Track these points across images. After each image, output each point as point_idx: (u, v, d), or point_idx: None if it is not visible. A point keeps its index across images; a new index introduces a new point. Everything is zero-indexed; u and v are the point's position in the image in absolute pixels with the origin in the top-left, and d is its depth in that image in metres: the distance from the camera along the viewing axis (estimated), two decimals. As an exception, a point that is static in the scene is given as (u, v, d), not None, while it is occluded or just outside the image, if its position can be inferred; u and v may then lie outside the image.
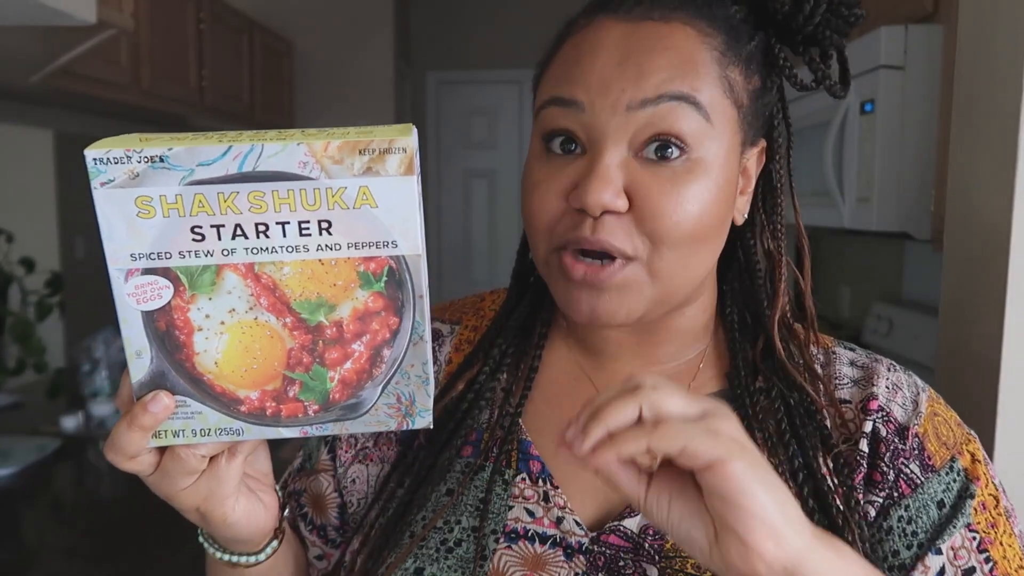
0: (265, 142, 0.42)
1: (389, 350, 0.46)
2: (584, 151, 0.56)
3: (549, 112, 0.57)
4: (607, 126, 0.54)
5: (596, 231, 0.54)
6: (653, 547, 0.56)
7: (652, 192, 0.54)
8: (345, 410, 0.48)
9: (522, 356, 0.65)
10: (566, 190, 0.55)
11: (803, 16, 0.58)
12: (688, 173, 0.54)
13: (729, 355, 0.64)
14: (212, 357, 0.46)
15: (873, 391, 0.61)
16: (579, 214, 0.55)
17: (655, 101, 0.53)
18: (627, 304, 0.56)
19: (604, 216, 0.54)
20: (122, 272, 0.44)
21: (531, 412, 0.63)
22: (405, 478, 0.62)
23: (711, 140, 0.55)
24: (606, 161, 0.54)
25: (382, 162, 0.43)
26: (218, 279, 0.44)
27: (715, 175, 0.55)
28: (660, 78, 0.54)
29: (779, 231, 0.64)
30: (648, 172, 0.54)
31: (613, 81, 0.54)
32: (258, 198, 0.43)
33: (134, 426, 0.46)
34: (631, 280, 0.55)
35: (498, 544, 0.57)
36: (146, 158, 0.42)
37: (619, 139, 0.54)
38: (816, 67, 0.61)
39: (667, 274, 0.56)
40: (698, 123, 0.54)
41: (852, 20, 0.59)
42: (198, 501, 0.51)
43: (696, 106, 0.54)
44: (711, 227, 0.56)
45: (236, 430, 0.47)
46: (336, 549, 0.69)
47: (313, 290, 0.45)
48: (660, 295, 0.57)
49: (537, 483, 0.60)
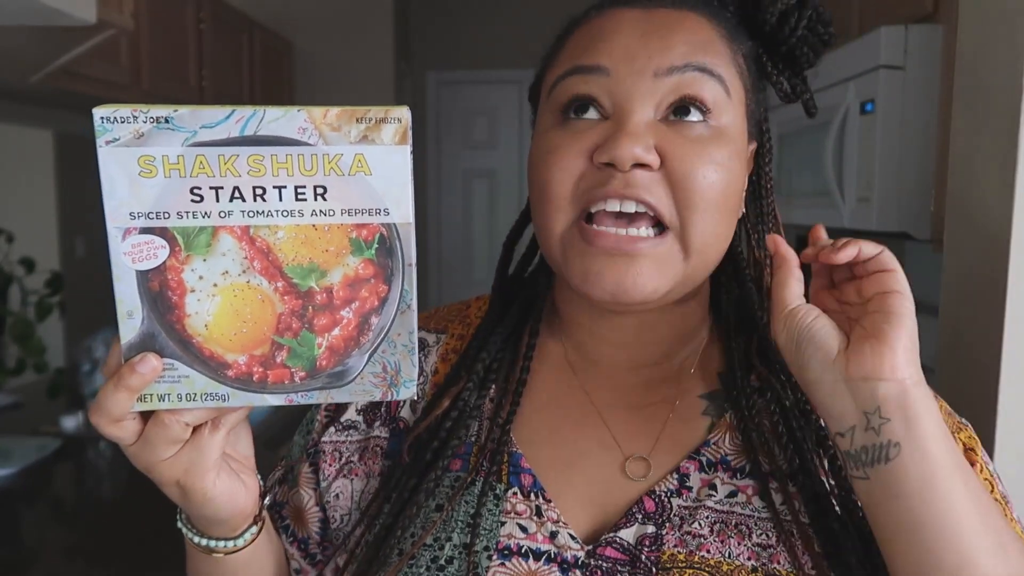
0: (268, 108, 0.44)
1: (377, 318, 0.47)
2: (606, 117, 0.56)
3: (568, 81, 0.56)
4: (633, 90, 0.55)
5: (628, 186, 0.53)
6: (650, 559, 0.55)
7: (683, 151, 0.54)
8: (331, 378, 0.48)
9: (511, 366, 0.64)
10: (589, 150, 0.55)
11: (788, 28, 0.61)
12: (713, 138, 0.56)
13: (723, 354, 0.64)
14: (203, 319, 0.46)
15: None
16: (605, 171, 0.54)
17: (681, 69, 0.55)
18: (658, 277, 0.55)
19: (635, 170, 0.53)
20: (120, 230, 0.44)
21: (521, 423, 0.62)
22: (391, 494, 0.61)
23: (729, 112, 0.57)
24: (636, 119, 0.54)
25: (378, 131, 0.44)
26: (214, 241, 0.45)
27: (734, 145, 0.57)
28: (684, 50, 0.55)
29: (764, 238, 0.65)
30: (676, 133, 0.55)
31: (639, 50, 0.55)
32: (257, 161, 0.44)
33: (120, 387, 0.46)
34: (666, 255, 0.55)
35: (491, 562, 0.56)
36: (151, 119, 0.43)
37: (646, 102, 0.55)
38: (794, 83, 0.64)
39: (699, 246, 0.56)
40: (720, 94, 0.56)
41: (826, 38, 0.62)
42: (179, 473, 0.50)
43: (718, 79, 0.56)
44: (734, 196, 0.58)
45: (222, 395, 0.47)
46: (314, 566, 0.67)
47: (306, 255, 0.46)
48: (689, 273, 0.57)
49: (529, 497, 0.59)
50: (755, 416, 0.59)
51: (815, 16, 0.61)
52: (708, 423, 0.61)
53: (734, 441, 0.60)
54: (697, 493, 0.58)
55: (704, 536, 0.56)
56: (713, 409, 0.62)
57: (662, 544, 0.56)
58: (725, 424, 0.60)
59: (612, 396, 0.63)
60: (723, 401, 0.62)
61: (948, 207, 1.21)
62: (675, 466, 0.59)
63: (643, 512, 0.57)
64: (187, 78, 2.70)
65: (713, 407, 0.62)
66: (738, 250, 0.65)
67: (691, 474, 0.58)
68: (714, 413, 0.61)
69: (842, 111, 1.76)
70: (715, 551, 0.55)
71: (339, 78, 3.84)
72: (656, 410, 0.62)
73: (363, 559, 0.59)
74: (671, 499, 0.57)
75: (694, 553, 0.55)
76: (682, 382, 0.63)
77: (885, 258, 0.52)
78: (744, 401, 0.60)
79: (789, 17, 0.60)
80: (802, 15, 0.60)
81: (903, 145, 1.63)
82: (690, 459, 0.59)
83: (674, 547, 0.55)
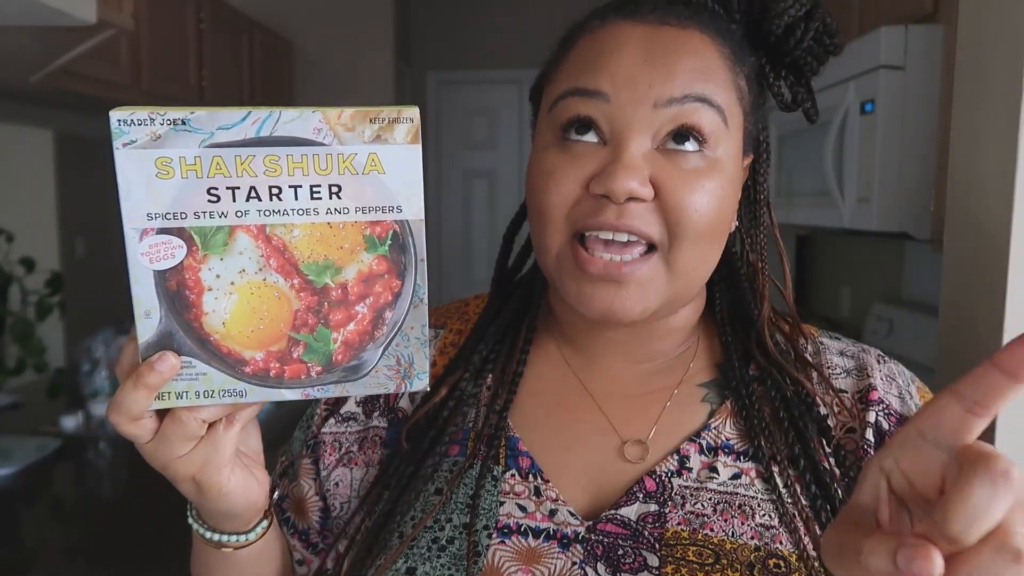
0: (283, 109, 0.45)
1: (391, 312, 0.48)
2: (604, 142, 0.56)
3: (569, 102, 0.57)
4: (633, 119, 0.55)
5: (622, 217, 0.54)
6: (653, 535, 0.56)
7: (676, 182, 0.55)
8: (347, 372, 0.49)
9: (507, 359, 0.65)
10: (586, 178, 0.56)
11: (794, 40, 0.61)
12: (707, 168, 0.56)
13: (721, 347, 0.65)
14: (220, 317, 0.47)
15: (871, 382, 0.62)
16: (599, 201, 0.55)
17: (681, 100, 0.55)
18: (645, 299, 0.56)
19: (628, 203, 0.54)
20: (137, 231, 0.45)
21: (517, 410, 0.64)
22: (390, 481, 0.62)
23: (726, 142, 0.57)
24: (632, 150, 0.54)
25: (391, 131, 0.45)
26: (230, 240, 0.46)
27: (728, 174, 0.57)
28: (685, 79, 0.55)
29: (758, 242, 0.66)
30: (671, 163, 0.55)
31: (640, 76, 0.55)
32: (273, 162, 0.45)
33: (139, 385, 0.46)
34: (651, 275, 0.56)
35: (491, 540, 0.57)
36: (168, 121, 0.44)
37: (644, 132, 0.55)
38: (796, 90, 0.65)
39: (684, 269, 0.56)
40: (717, 124, 0.56)
41: (831, 49, 0.63)
42: (194, 469, 0.51)
43: (717, 109, 0.56)
44: (724, 224, 0.58)
45: (240, 391, 0.48)
46: (316, 555, 0.68)
47: (321, 252, 0.47)
48: (675, 292, 0.58)
49: (527, 478, 0.60)
50: (755, 403, 0.60)
51: (822, 28, 0.61)
52: (708, 409, 0.62)
53: (736, 426, 0.61)
54: (697, 474, 0.59)
55: (707, 515, 0.57)
56: (713, 396, 0.63)
57: (665, 522, 0.57)
58: (726, 411, 0.61)
59: (608, 386, 0.64)
60: (723, 389, 0.63)
61: (948, 207, 1.21)
62: (674, 448, 0.60)
63: (644, 491, 0.58)
64: (187, 78, 2.70)
65: (713, 394, 0.63)
66: (732, 250, 0.66)
67: (691, 456, 0.59)
68: (714, 400, 0.63)
69: (842, 111, 1.76)
70: (718, 529, 0.56)
71: (339, 78, 3.84)
72: (653, 398, 0.63)
73: (363, 544, 0.60)
74: (671, 479, 0.58)
75: (697, 531, 0.56)
76: (679, 373, 0.64)
77: None
78: (744, 389, 0.61)
79: (796, 29, 0.61)
80: (809, 27, 0.61)
81: (903, 145, 1.63)
82: (690, 442, 0.60)
83: (678, 525, 0.56)
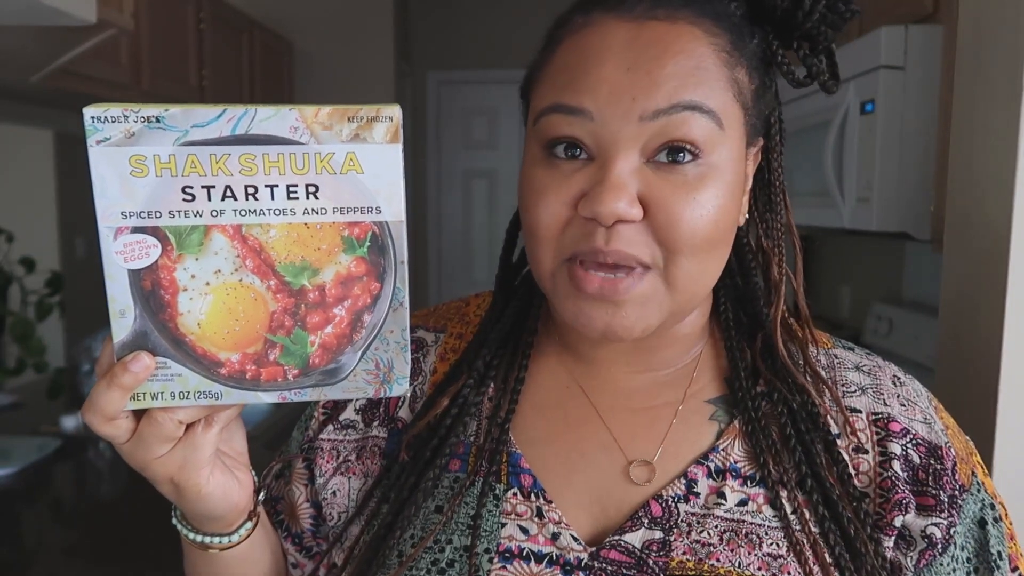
0: (259, 107, 0.44)
1: (369, 315, 0.47)
2: (591, 158, 0.53)
3: (552, 119, 0.54)
4: (618, 135, 0.52)
5: (610, 241, 0.52)
6: (658, 564, 0.54)
7: (667, 199, 0.52)
8: (324, 375, 0.48)
9: (509, 366, 0.63)
10: (574, 198, 0.53)
11: (802, 12, 0.57)
12: (702, 178, 0.53)
13: (727, 357, 0.63)
14: (195, 318, 0.46)
15: (890, 412, 0.60)
16: (589, 223, 0.52)
17: (668, 111, 0.51)
18: (645, 318, 0.54)
19: (617, 225, 0.52)
20: (111, 230, 0.45)
21: (519, 423, 0.62)
22: (389, 493, 0.60)
23: (722, 145, 0.54)
24: (618, 169, 0.51)
25: (369, 129, 0.44)
26: (206, 240, 0.45)
27: (727, 179, 0.54)
28: (672, 86, 0.51)
29: (774, 229, 0.63)
30: (662, 178, 0.52)
31: (623, 89, 0.51)
32: (249, 160, 0.44)
33: (113, 385, 0.46)
34: (649, 293, 0.53)
35: (492, 564, 0.55)
36: (143, 118, 0.43)
37: (631, 147, 0.52)
38: (810, 62, 0.60)
39: (684, 283, 0.54)
40: (711, 130, 0.52)
41: (847, 16, 0.58)
42: (172, 470, 0.50)
43: (709, 114, 0.52)
44: (725, 231, 0.55)
45: (215, 393, 0.47)
46: (311, 559, 0.68)
47: (298, 253, 0.46)
48: (676, 306, 0.55)
49: (529, 498, 0.58)
50: (763, 422, 0.58)
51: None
52: (716, 428, 0.60)
53: (744, 448, 0.58)
54: (705, 500, 0.57)
55: (714, 545, 0.55)
56: (722, 415, 0.60)
57: (671, 551, 0.55)
58: (734, 431, 0.59)
59: (612, 398, 0.62)
60: (731, 407, 0.60)
61: (948, 207, 1.20)
62: (682, 471, 0.58)
63: (649, 516, 0.56)
64: (187, 78, 2.70)
65: (721, 412, 0.61)
66: (743, 242, 0.63)
67: (699, 480, 0.58)
68: (722, 419, 0.60)
69: (842, 111, 1.76)
70: (725, 560, 0.54)
71: (339, 78, 3.84)
72: (659, 413, 0.61)
73: (361, 559, 0.59)
74: (678, 505, 0.57)
75: (703, 562, 0.54)
76: (685, 386, 0.62)
77: None
78: (751, 405, 0.59)
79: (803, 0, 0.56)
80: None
81: (903, 145, 1.63)
82: (697, 464, 0.58)
83: (683, 555, 0.55)
